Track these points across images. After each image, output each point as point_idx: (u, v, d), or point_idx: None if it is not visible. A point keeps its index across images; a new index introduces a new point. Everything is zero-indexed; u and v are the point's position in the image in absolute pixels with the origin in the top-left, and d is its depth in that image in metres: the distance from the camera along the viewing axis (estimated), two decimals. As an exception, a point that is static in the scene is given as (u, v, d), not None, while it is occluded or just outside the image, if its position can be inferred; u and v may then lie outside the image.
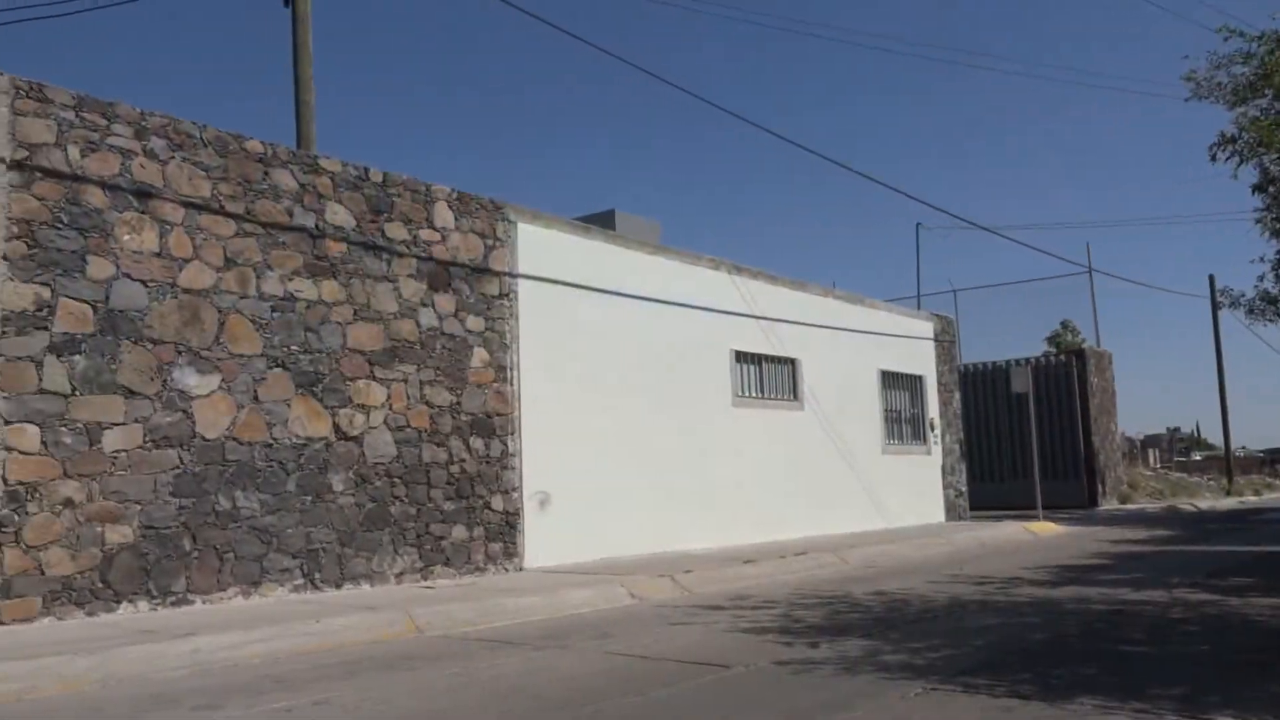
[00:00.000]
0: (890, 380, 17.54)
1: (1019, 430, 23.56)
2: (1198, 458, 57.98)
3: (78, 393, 7.36)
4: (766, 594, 8.94)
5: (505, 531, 10.40)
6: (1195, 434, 75.24)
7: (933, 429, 18.50)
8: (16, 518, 6.95)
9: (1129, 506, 24.02)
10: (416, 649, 6.45)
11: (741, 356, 14.12)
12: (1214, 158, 16.81)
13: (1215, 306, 31.57)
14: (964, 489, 19.38)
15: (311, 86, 12.64)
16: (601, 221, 13.58)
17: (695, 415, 13.10)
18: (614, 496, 11.69)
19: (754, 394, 14.33)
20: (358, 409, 9.18)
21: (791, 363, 15.06)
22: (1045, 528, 16.69)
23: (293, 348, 8.75)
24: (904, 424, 17.90)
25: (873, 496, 16.34)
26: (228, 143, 8.52)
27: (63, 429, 7.25)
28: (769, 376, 14.67)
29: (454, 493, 9.92)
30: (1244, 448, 54.16)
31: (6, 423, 6.98)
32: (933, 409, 18.60)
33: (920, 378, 18.40)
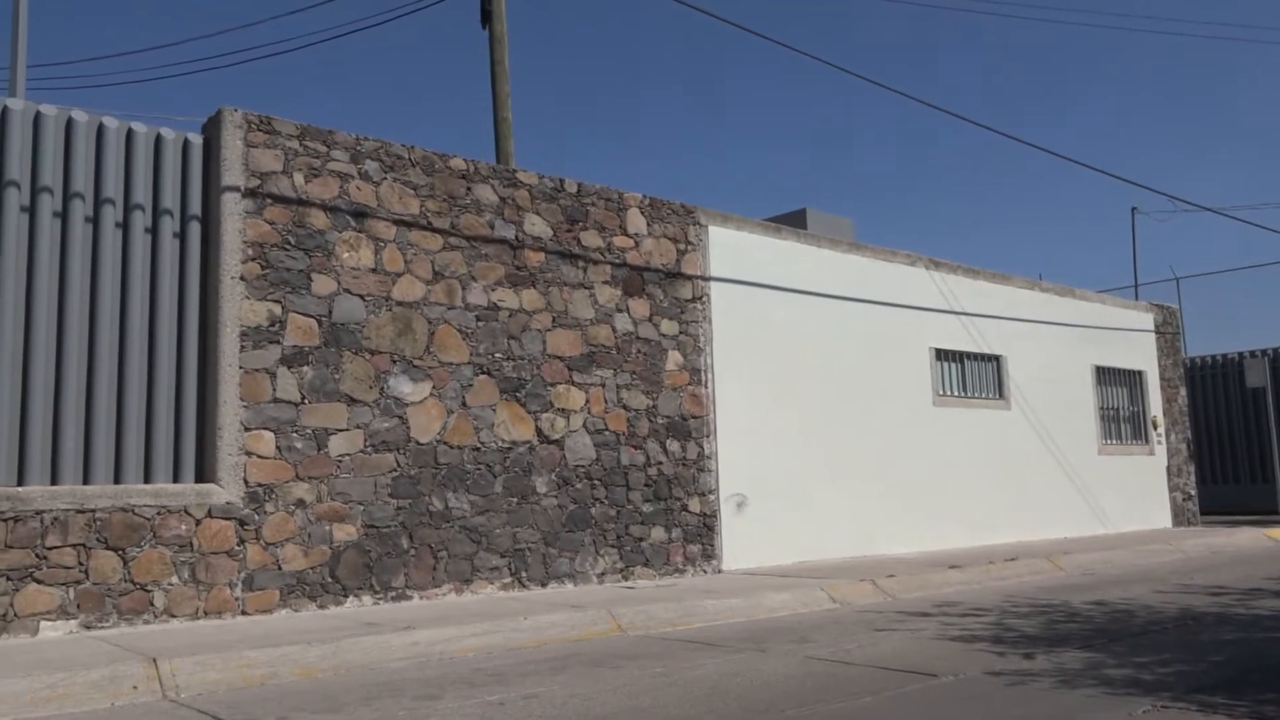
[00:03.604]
0: (1106, 376, 16.51)
1: (1255, 428, 21.67)
2: None
3: (306, 401, 7.96)
4: (975, 601, 8.59)
5: (703, 533, 10.46)
6: None
7: (1155, 427, 17.27)
8: (256, 517, 7.59)
9: (1390, 511, 21.60)
10: (620, 647, 6.59)
11: (942, 354, 13.65)
12: None
13: None
14: (1193, 492, 17.98)
15: (509, 103, 13.17)
16: (793, 221, 13.46)
17: (894, 415, 12.76)
18: (811, 499, 11.55)
19: (956, 393, 13.82)
20: (558, 413, 9.48)
21: (996, 360, 14.43)
22: (1289, 534, 15.26)
23: (497, 355, 9.13)
24: (1122, 423, 16.80)
25: (1088, 500, 15.42)
26: (433, 162, 9.00)
27: (294, 435, 7.86)
28: (972, 374, 14.12)
29: (652, 495, 10.07)
30: None
31: (246, 429, 7.63)
32: (1155, 406, 17.37)
33: (1140, 373, 17.23)
